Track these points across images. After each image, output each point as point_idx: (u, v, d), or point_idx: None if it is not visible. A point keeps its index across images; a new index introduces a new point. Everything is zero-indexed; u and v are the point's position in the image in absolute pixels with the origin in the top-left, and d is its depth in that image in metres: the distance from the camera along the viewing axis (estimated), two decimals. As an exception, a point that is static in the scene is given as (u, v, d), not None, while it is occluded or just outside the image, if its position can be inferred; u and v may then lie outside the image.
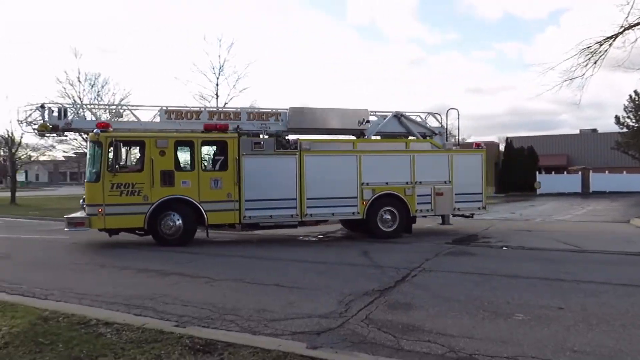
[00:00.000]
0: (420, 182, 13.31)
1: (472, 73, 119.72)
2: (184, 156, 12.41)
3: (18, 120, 12.99)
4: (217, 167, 12.28)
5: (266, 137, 13.10)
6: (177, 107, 13.58)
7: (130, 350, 4.23)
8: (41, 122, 12.67)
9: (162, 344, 4.41)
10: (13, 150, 33.31)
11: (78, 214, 12.10)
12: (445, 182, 13.53)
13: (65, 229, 11.66)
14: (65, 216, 12.33)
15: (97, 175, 11.45)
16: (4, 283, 7.34)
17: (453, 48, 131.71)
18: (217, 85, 24.00)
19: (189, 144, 12.14)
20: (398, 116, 14.58)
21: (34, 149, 34.64)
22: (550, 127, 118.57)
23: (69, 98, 33.46)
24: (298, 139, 13.24)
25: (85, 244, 12.07)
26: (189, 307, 5.96)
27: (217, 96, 23.80)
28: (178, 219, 11.72)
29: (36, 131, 13.42)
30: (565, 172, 44.92)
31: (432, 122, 15.12)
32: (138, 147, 12.33)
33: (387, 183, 13.12)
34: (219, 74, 24.18)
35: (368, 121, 14.11)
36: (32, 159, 39.34)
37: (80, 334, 4.64)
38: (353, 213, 13.00)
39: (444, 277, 7.84)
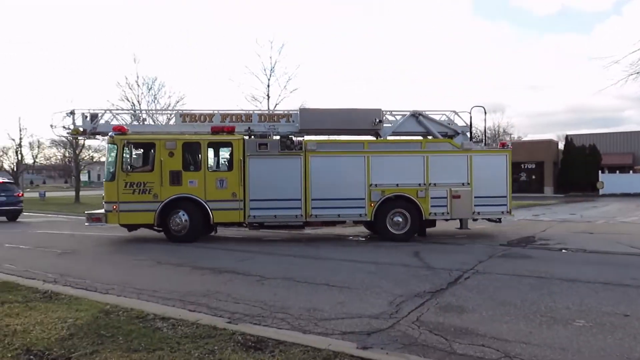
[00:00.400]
0: (435, 184, 12.74)
1: (528, 68, 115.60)
2: (191, 157, 12.90)
3: (51, 125, 14.11)
4: (223, 167, 12.99)
5: (275, 138, 13.31)
6: (191, 110, 14.34)
7: (185, 344, 4.36)
8: (73, 126, 14.06)
9: (215, 339, 4.52)
10: (77, 152, 35.24)
11: (98, 210, 13.07)
12: (463, 184, 12.80)
13: (86, 224, 12.83)
14: (85, 212, 13.55)
15: (113, 175, 12.49)
16: (69, 277, 7.77)
17: (507, 43, 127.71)
18: (268, 86, 24.40)
19: (196, 146, 12.78)
20: (416, 115, 14.13)
21: (96, 151, 36.50)
22: (614, 124, 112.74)
23: (129, 101, 35.03)
24: (303, 139, 13.29)
25: (143, 242, 12.57)
26: (240, 304, 6.07)
27: (268, 97, 24.19)
28: (185, 217, 12.46)
29: (69, 134, 14.43)
30: (630, 172, 42.50)
31: (460, 122, 14.50)
32: (149, 149, 12.87)
33: (397, 184, 12.75)
34: (270, 75, 24.56)
35: (380, 121, 13.84)
36: (94, 160, 41.42)
37: (138, 328, 4.83)
38: (360, 215, 12.85)
39: (499, 280, 7.59)
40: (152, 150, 12.72)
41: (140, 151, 13.23)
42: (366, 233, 14.13)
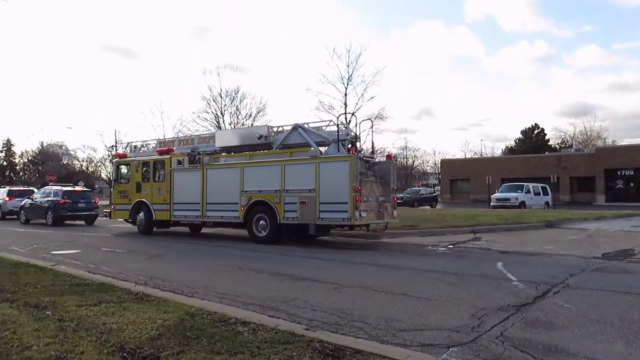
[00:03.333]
0: (288, 190, 13.69)
1: (615, 67, 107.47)
2: (146, 172, 17.59)
3: (109, 154, 17.54)
4: (161, 179, 17.02)
5: (197, 155, 16.73)
6: (165, 139, 19.67)
7: (265, 349, 4.44)
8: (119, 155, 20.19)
9: (293, 345, 4.57)
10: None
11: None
12: (309, 190, 13.29)
13: (103, 217, 22.03)
14: (104, 210, 21.85)
15: (113, 185, 19.11)
16: (158, 280, 8.23)
17: (588, 41, 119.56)
18: (345, 95, 24.42)
19: (148, 164, 17.56)
20: (296, 128, 15.07)
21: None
22: None
23: (212, 113, 36.77)
24: (202, 155, 16.43)
25: (225, 248, 13.09)
26: (318, 311, 6.11)
27: (346, 106, 24.25)
28: (142, 215, 17.41)
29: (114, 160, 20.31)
30: None
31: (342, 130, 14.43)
32: (128, 167, 18.28)
33: (260, 191, 14.31)
34: (347, 84, 24.55)
35: (262, 136, 15.40)
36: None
37: (221, 331, 4.99)
38: (235, 217, 14.86)
39: (592, 296, 7.05)
40: (129, 168, 18.16)
41: (125, 169, 18.49)
42: (446, 242, 13.73)
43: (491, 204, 33.28)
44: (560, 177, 45.39)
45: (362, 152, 14.13)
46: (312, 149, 13.95)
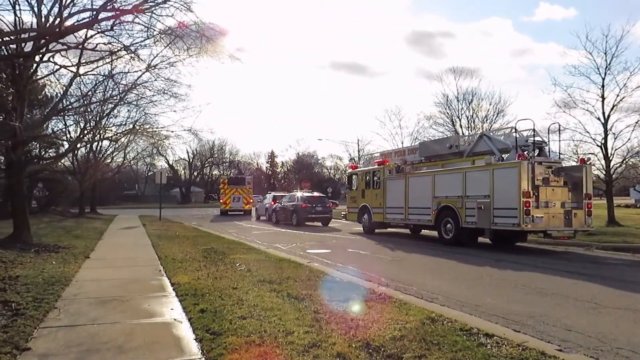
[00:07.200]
0: (468, 196, 14.40)
1: None
2: (368, 180, 20.50)
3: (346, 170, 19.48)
4: (377, 186, 19.54)
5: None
6: (385, 151, 22.75)
7: (511, 366, 4.17)
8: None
9: (543, 366, 4.17)
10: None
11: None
12: (485, 196, 13.75)
13: (341, 219, 23.93)
14: (341, 213, 23.93)
15: (347, 192, 22.88)
16: (398, 283, 8.51)
17: None
18: (602, 87, 21.13)
19: (369, 173, 20.39)
20: (482, 136, 15.72)
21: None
22: None
23: (448, 117, 36.73)
24: (405, 165, 18.08)
25: (463, 255, 12.79)
26: (572, 332, 5.46)
27: (603, 98, 20.96)
28: (365, 216, 20.11)
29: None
30: None
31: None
32: (355, 177, 21.78)
33: (446, 197, 15.33)
34: (605, 73, 21.17)
35: (452, 145, 16.53)
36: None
37: (462, 340, 4.87)
38: (428, 220, 16.30)
39: None
40: (356, 178, 21.53)
41: (355, 178, 21.76)
42: None
43: None
44: None
45: (543, 157, 13.74)
46: (489, 156, 14.33)
